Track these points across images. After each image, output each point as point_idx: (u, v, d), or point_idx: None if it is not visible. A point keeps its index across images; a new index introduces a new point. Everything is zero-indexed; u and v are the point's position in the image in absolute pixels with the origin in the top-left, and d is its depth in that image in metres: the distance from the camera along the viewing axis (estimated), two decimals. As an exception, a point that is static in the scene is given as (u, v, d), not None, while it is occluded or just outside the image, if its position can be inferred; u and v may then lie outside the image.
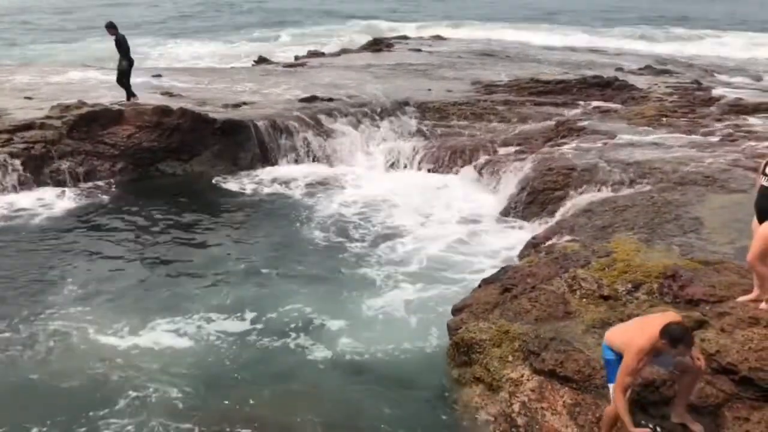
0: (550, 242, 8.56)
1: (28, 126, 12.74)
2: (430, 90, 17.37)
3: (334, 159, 14.37)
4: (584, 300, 6.70)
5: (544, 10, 53.49)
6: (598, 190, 10.25)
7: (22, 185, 12.09)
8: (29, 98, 14.93)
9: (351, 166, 14.19)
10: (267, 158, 14.17)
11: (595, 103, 16.17)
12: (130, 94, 14.22)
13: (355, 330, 7.72)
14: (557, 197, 10.59)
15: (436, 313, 7.99)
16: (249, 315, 8.07)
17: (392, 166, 14.11)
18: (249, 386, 6.71)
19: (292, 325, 7.85)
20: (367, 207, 11.89)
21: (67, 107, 13.50)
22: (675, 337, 4.58)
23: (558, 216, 10.15)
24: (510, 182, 11.68)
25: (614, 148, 11.80)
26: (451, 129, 14.81)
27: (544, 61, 23.65)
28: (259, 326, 7.85)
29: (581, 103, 16.37)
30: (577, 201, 10.17)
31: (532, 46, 29.65)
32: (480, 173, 12.62)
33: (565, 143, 12.49)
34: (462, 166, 13.21)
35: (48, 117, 13.12)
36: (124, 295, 8.55)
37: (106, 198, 12.19)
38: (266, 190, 12.83)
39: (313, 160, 14.30)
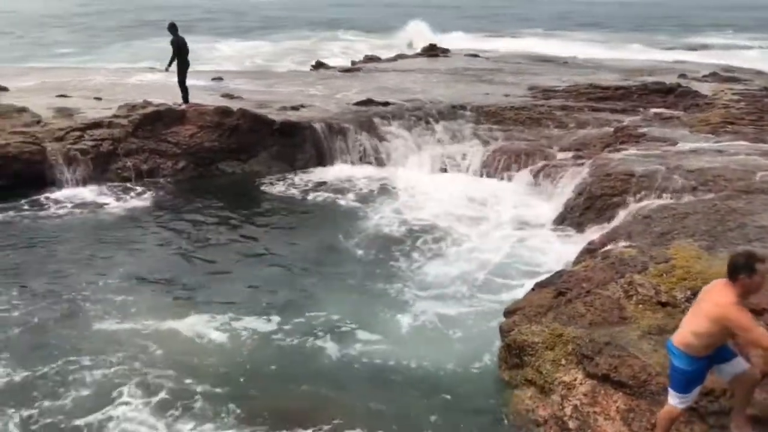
0: (606, 248, 8.39)
1: (98, 124, 13.33)
2: (487, 94, 17.31)
3: (388, 162, 14.47)
4: (640, 306, 6.54)
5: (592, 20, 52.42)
6: (658, 197, 9.98)
7: (90, 180, 12.66)
8: (99, 99, 15.63)
9: (404, 169, 14.24)
10: (322, 160, 14.40)
11: (656, 110, 15.77)
12: (186, 98, 14.53)
13: (398, 334, 7.73)
14: (615, 203, 10.36)
15: (485, 319, 7.95)
16: (293, 315, 8.12)
17: (446, 169, 14.11)
18: (287, 387, 6.77)
19: (335, 328, 7.87)
20: (417, 211, 11.84)
21: (134, 107, 14.08)
22: (745, 264, 4.35)
23: (615, 222, 9.93)
24: (566, 187, 11.51)
25: (676, 155, 11.47)
26: (507, 133, 14.69)
27: (603, 67, 23.21)
28: (303, 326, 7.88)
29: (641, 109, 15.99)
30: (635, 207, 9.93)
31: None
32: (536, 178, 12.49)
33: (624, 149, 12.23)
34: (517, 171, 13.09)
35: (116, 116, 13.70)
36: (168, 288, 8.88)
37: (166, 195, 12.63)
38: (319, 192, 12.96)
39: (367, 163, 14.44)
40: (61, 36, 40.22)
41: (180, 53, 14.22)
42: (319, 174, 13.96)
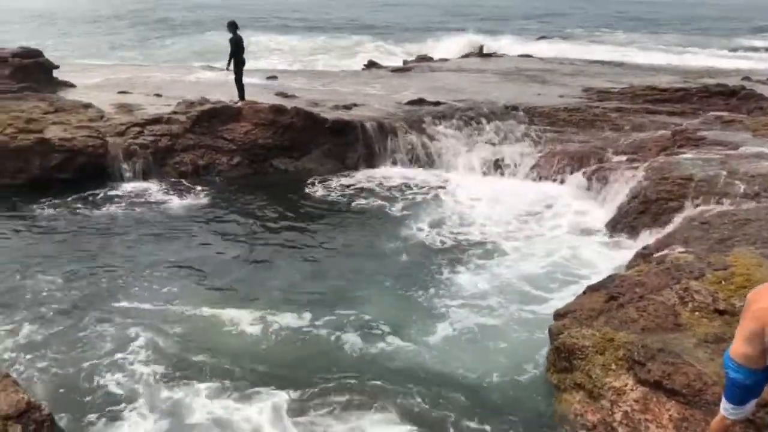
0: (661, 253, 8.19)
1: (157, 120, 13.77)
2: (539, 95, 17.10)
3: (438, 162, 14.47)
4: (696, 313, 6.37)
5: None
6: (717, 202, 9.68)
7: (148, 174, 13.09)
8: (159, 95, 16.15)
9: (453, 170, 14.21)
10: (372, 159, 14.49)
11: (717, 113, 15.26)
12: (242, 95, 14.85)
13: (439, 338, 7.68)
14: (671, 208, 10.10)
15: (534, 324, 7.88)
16: (327, 313, 8.14)
17: (496, 171, 14.01)
18: (317, 383, 6.81)
19: (371, 330, 7.84)
20: (465, 215, 11.76)
21: (192, 104, 14.49)
22: None
23: (671, 227, 9.68)
24: (621, 191, 11.29)
25: (737, 160, 11.09)
26: (560, 135, 14.49)
27: (661, 69, 22.62)
28: (338, 325, 7.91)
29: (701, 112, 15.50)
30: (693, 213, 9.66)
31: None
32: (589, 181, 12.27)
33: (682, 153, 11.89)
34: (570, 173, 12.90)
35: (174, 112, 14.12)
36: (211, 279, 9.12)
37: (220, 190, 12.92)
38: (366, 193, 13.00)
39: (417, 163, 14.47)
40: (115, 32, 41.56)
41: (237, 51, 14.55)
42: (368, 174, 14.04)
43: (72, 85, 17.08)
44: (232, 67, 14.75)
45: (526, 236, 10.79)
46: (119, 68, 22.04)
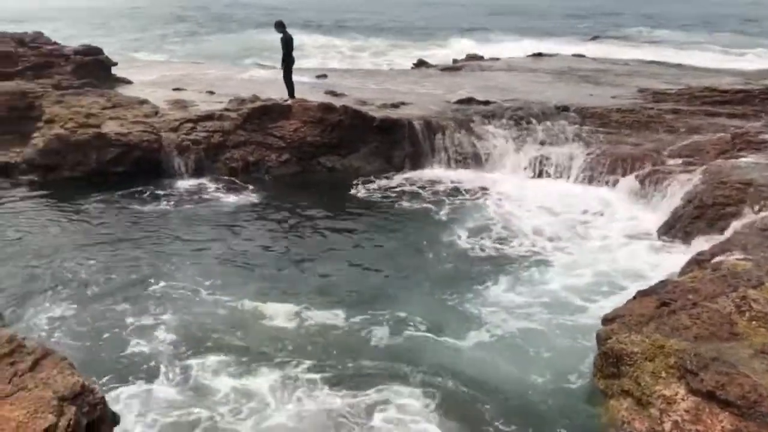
0: (717, 259, 7.91)
1: (209, 116, 14.06)
2: (591, 95, 16.75)
3: (485, 163, 14.33)
4: (754, 323, 6.14)
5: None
6: (779, 209, 9.31)
7: (200, 170, 13.39)
8: (211, 92, 16.49)
9: (501, 171, 14.05)
10: (419, 158, 14.46)
11: (780, 116, 14.66)
12: (292, 93, 14.98)
13: (480, 342, 7.62)
14: (729, 213, 9.76)
15: (580, 330, 7.76)
16: (363, 312, 8.22)
17: (545, 172, 13.79)
18: (350, 380, 6.88)
19: (415, 328, 7.88)
20: (511, 217, 11.59)
21: (243, 101, 14.74)
22: None
23: (728, 233, 9.35)
24: (675, 195, 10.97)
25: (802, 165, 10.65)
26: (612, 136, 14.15)
27: (721, 71, 21.84)
28: (375, 325, 7.96)
29: (764, 114, 14.90)
30: (753, 219, 9.30)
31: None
32: (641, 184, 11.96)
33: (742, 156, 11.48)
34: (622, 176, 12.59)
35: (226, 109, 14.39)
36: (252, 274, 9.34)
37: (268, 187, 13.12)
38: (412, 192, 12.97)
39: (464, 163, 14.36)
40: (163, 28, 42.56)
41: (287, 50, 14.72)
42: (413, 174, 14.00)
43: (129, 82, 17.60)
44: (287, 64, 14.91)
45: (574, 241, 10.58)
46: (174, 65, 22.60)
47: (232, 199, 12.41)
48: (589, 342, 7.22)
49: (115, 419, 3.91)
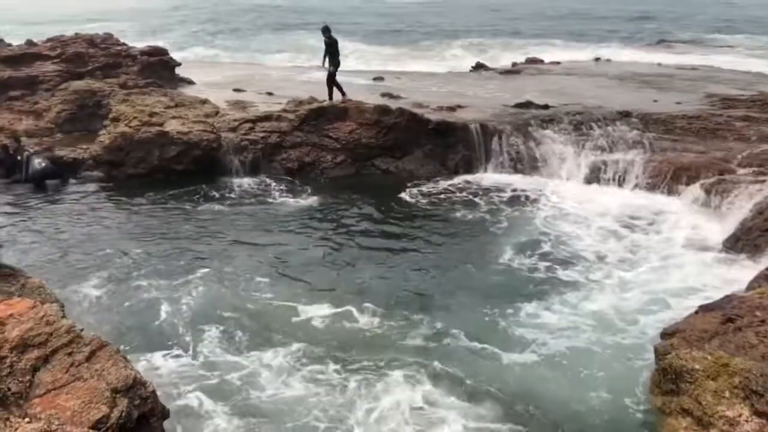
0: (788, 275, 7.51)
1: (267, 117, 14.29)
2: (655, 101, 16.22)
3: (542, 169, 14.03)
4: (827, 343, 5.77)
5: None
6: None
7: (258, 169, 13.63)
8: (270, 93, 16.77)
9: (557, 178, 13.72)
10: (474, 162, 14.30)
11: None
12: (331, 95, 15.01)
13: (529, 355, 7.43)
14: (802, 227, 9.26)
15: (638, 345, 7.51)
16: (403, 318, 8.21)
17: (604, 179, 13.37)
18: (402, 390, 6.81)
19: (455, 339, 7.75)
20: (568, 226, 11.26)
21: (300, 102, 14.92)
22: None
23: (801, 248, 8.88)
24: (743, 206, 10.46)
25: None
26: (676, 144, 13.64)
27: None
28: (415, 329, 7.94)
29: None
30: (828, 233, 8.80)
31: None
32: (707, 194, 11.47)
33: (817, 167, 10.87)
34: (687, 185, 12.09)
35: (284, 110, 14.59)
36: (296, 273, 9.44)
37: (322, 188, 13.22)
38: (464, 198, 12.77)
39: (520, 168, 14.10)
40: (212, 27, 43.44)
41: (332, 53, 14.77)
42: (467, 179, 13.84)
43: (192, 82, 18.11)
44: (327, 65, 14.97)
45: (633, 250, 10.22)
46: (236, 66, 23.11)
47: (286, 199, 12.58)
48: (643, 358, 7.02)
49: (164, 413, 3.98)
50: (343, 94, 15.09)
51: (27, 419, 3.25)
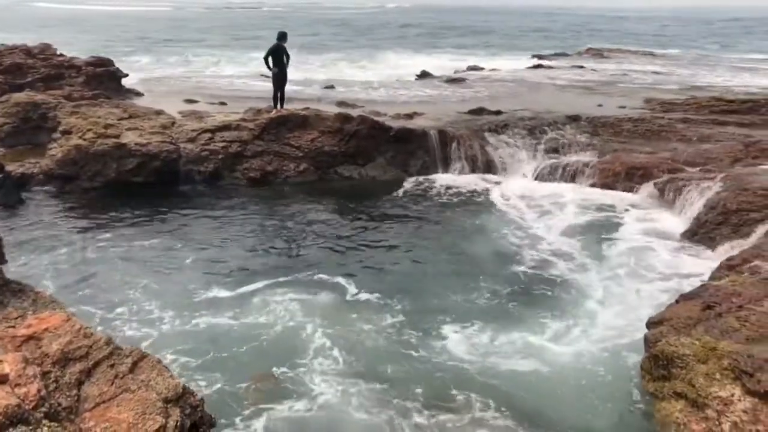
0: (751, 264, 8.04)
1: (227, 127, 14.05)
2: (600, 105, 16.97)
3: (499, 171, 14.45)
4: (802, 324, 6.24)
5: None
6: (804, 214, 9.48)
7: (219, 179, 13.37)
8: (224, 103, 16.52)
9: (515, 179, 14.16)
10: (434, 167, 14.56)
11: (788, 125, 14.96)
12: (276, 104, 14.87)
13: (520, 351, 7.62)
14: (753, 219, 9.92)
15: (618, 333, 7.83)
16: (387, 320, 8.21)
17: (559, 180, 13.88)
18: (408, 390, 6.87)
19: (433, 338, 7.86)
20: (529, 225, 11.61)
21: (259, 111, 14.76)
22: None
23: (754, 238, 9.51)
24: (696, 202, 11.11)
25: (819, 171, 10.86)
26: (625, 145, 14.35)
27: (722, 87, 22.21)
28: (407, 333, 7.94)
29: (772, 124, 15.21)
30: (777, 224, 9.48)
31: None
32: (661, 192, 12.11)
33: (759, 164, 11.68)
34: (640, 184, 12.74)
35: (243, 120, 14.40)
36: (254, 278, 9.26)
37: (286, 194, 13.12)
38: (429, 201, 12.96)
39: (478, 171, 14.46)
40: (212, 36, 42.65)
41: (276, 60, 14.43)
42: (428, 182, 14.08)
43: (140, 93, 17.60)
44: (269, 73, 14.76)
45: (596, 248, 10.61)
46: (183, 78, 22.61)
47: (248, 208, 12.38)
48: (628, 349, 7.30)
49: (212, 422, 3.91)
50: (279, 106, 14.89)
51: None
